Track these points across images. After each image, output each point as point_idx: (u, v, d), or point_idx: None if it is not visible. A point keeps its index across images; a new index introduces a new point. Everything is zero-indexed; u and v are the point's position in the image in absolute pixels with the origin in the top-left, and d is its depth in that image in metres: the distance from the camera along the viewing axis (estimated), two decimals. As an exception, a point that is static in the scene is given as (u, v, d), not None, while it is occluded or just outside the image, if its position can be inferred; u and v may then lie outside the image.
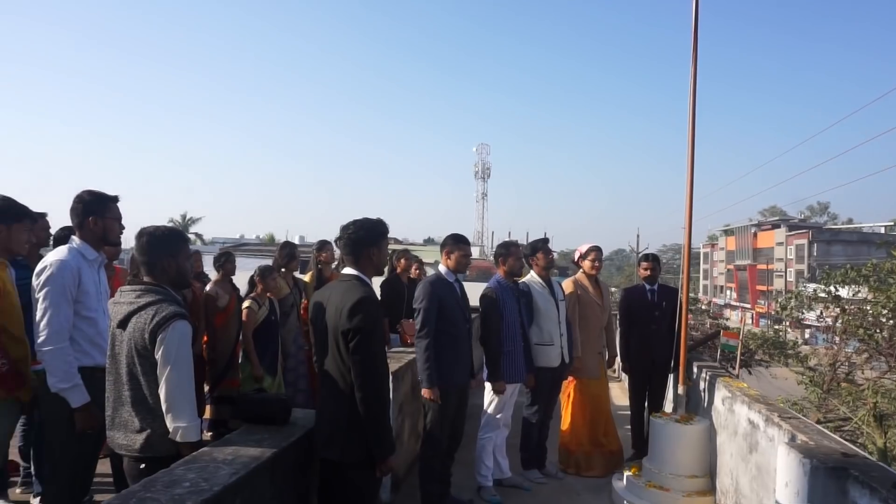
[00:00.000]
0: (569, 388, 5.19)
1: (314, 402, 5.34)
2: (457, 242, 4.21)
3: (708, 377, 4.73)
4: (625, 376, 8.56)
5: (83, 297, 2.92)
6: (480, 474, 4.55)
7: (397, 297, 6.03)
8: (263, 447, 2.50)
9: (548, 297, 4.91)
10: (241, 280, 5.39)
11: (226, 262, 5.17)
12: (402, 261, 6.28)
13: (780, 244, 58.38)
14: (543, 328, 4.86)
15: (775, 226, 61.54)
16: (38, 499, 3.93)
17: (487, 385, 4.58)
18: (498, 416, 4.62)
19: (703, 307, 24.44)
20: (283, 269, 5.42)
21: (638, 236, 46.11)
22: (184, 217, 48.37)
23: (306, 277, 5.91)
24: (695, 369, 5.12)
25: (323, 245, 5.95)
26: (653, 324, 5.24)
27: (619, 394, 7.89)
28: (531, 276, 5.05)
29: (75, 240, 3.03)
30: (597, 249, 5.31)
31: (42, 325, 2.82)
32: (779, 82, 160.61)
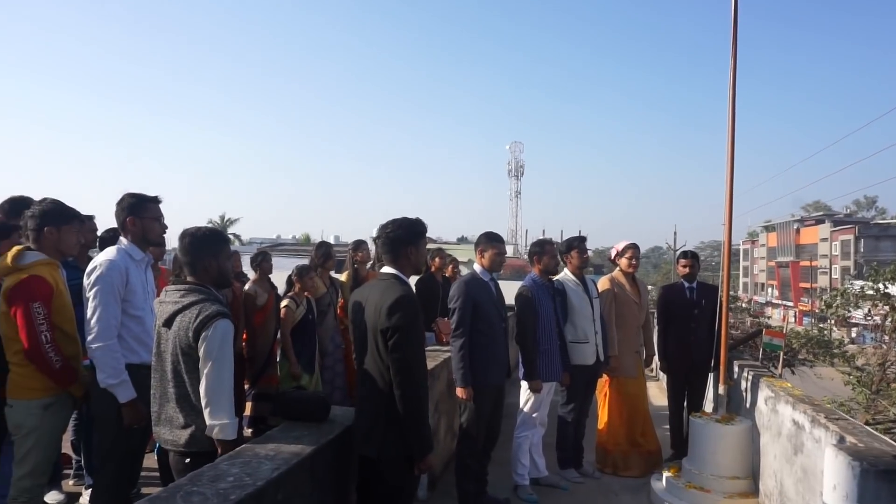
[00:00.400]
0: (605, 386, 5.14)
1: (351, 400, 5.40)
2: (490, 241, 4.21)
3: (750, 377, 4.62)
4: (662, 375, 8.44)
5: (130, 297, 3.02)
6: (517, 473, 4.54)
7: (432, 295, 6.05)
8: (303, 444, 2.54)
9: (582, 295, 4.87)
10: (277, 279, 5.49)
11: (263, 261, 5.27)
12: (437, 259, 6.31)
13: (824, 240, 56.64)
14: (578, 326, 4.82)
15: (819, 221, 59.70)
16: (89, 490, 4.08)
17: (523, 384, 4.56)
18: (534, 415, 4.61)
19: (744, 305, 23.83)
20: (319, 269, 5.50)
21: (675, 233, 44.78)
22: (222, 218, 49.44)
23: (342, 277, 5.99)
24: (736, 368, 5.01)
25: (359, 245, 6.02)
26: (692, 322, 5.15)
27: (657, 393, 7.77)
28: (565, 274, 5.01)
29: (123, 241, 3.13)
30: (634, 247, 5.24)
31: (92, 322, 2.93)
32: (824, 73, 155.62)
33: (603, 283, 5.20)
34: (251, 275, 5.29)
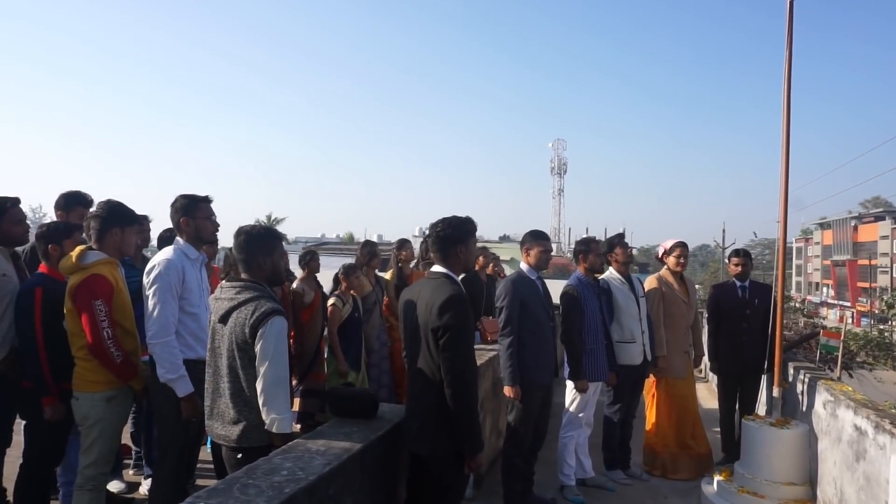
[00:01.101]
0: (653, 387, 5.05)
1: (396, 398, 5.46)
2: (535, 238, 4.18)
3: (806, 379, 4.46)
4: (712, 377, 8.23)
5: (187, 294, 3.13)
6: (563, 473, 4.51)
7: (476, 294, 6.06)
8: (353, 440, 2.58)
9: (628, 294, 4.80)
10: (322, 278, 5.58)
11: (311, 260, 5.36)
12: (480, 258, 6.32)
13: (884, 237, 54.13)
14: (624, 325, 4.76)
15: (879, 218, 57.06)
16: (148, 480, 4.24)
17: (569, 383, 4.53)
18: (580, 415, 4.56)
19: (797, 305, 22.99)
20: (365, 268, 5.57)
21: (724, 231, 43.45)
22: (269, 217, 50.43)
23: (387, 275, 6.05)
24: (791, 370, 4.85)
25: (403, 243, 6.07)
26: (744, 322, 5.01)
27: (706, 395, 7.58)
28: (610, 273, 4.95)
29: (179, 240, 3.25)
30: (682, 245, 5.13)
31: (151, 319, 3.04)
32: (883, 61, 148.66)
33: (650, 282, 5.11)
34: (298, 273, 5.40)
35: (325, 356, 5.25)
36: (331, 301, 5.15)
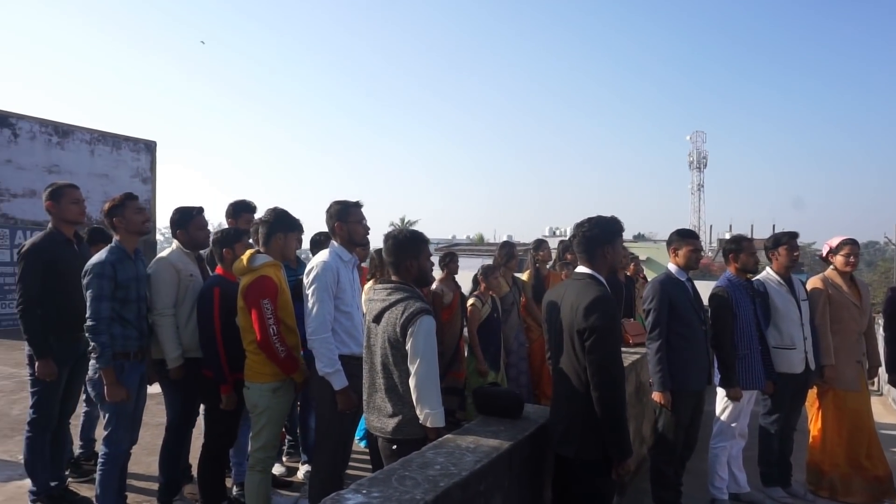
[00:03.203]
0: (819, 399, 4.59)
1: (534, 399, 5.46)
2: (684, 237, 3.99)
3: None
4: (889, 389, 7.34)
5: (341, 294, 3.35)
6: (714, 486, 4.25)
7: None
8: (501, 438, 2.62)
9: (787, 297, 4.41)
10: (458, 279, 5.70)
11: (450, 261, 5.51)
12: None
13: None
14: (783, 330, 4.38)
15: None
16: (304, 466, 4.59)
17: (720, 391, 4.25)
18: (733, 425, 4.27)
19: None
20: (503, 268, 5.62)
21: (896, 226, 38.53)
22: (402, 219, 52.42)
23: (524, 276, 6.06)
24: None
25: (540, 244, 6.06)
26: (930, 329, 4.41)
27: (882, 410, 6.78)
28: (767, 273, 4.57)
29: (334, 243, 3.49)
30: (852, 243, 4.61)
31: (311, 317, 3.28)
32: None
33: (814, 283, 4.65)
34: (437, 274, 5.56)
35: (465, 355, 5.36)
36: (470, 301, 5.25)
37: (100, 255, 3.49)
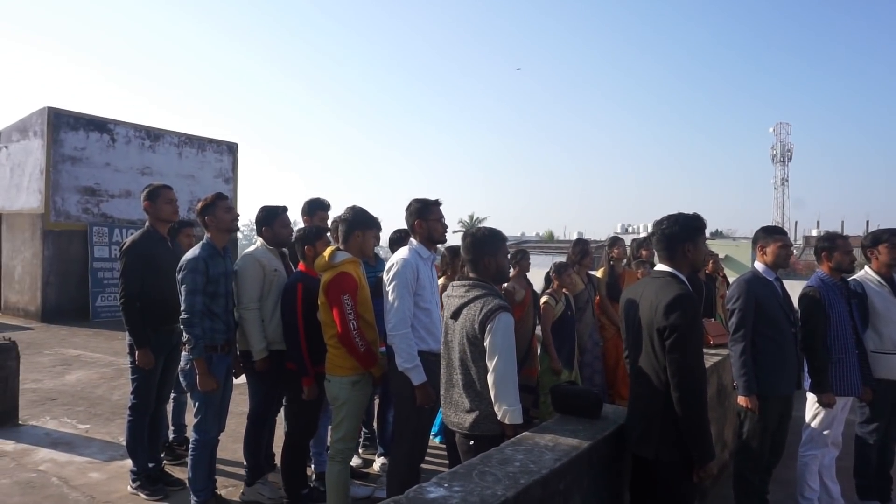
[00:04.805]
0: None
1: (608, 398, 5.36)
2: (770, 234, 3.81)
3: None
4: None
5: (420, 291, 3.40)
6: (804, 496, 4.03)
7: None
8: (580, 438, 2.60)
9: (889, 298, 4.12)
10: (529, 276, 5.66)
11: (522, 259, 5.49)
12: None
13: None
14: (883, 334, 4.10)
15: None
16: (380, 458, 4.70)
17: (810, 396, 4.03)
18: (825, 433, 4.04)
19: None
20: (577, 266, 5.55)
21: None
22: (471, 217, 52.57)
23: (598, 273, 5.96)
24: None
25: (615, 241, 5.95)
26: None
27: None
28: (865, 273, 4.29)
29: (413, 241, 3.55)
30: None
31: (391, 313, 3.36)
32: None
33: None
34: (510, 272, 5.56)
35: (538, 353, 5.33)
36: (543, 299, 5.22)
37: (193, 252, 3.71)
